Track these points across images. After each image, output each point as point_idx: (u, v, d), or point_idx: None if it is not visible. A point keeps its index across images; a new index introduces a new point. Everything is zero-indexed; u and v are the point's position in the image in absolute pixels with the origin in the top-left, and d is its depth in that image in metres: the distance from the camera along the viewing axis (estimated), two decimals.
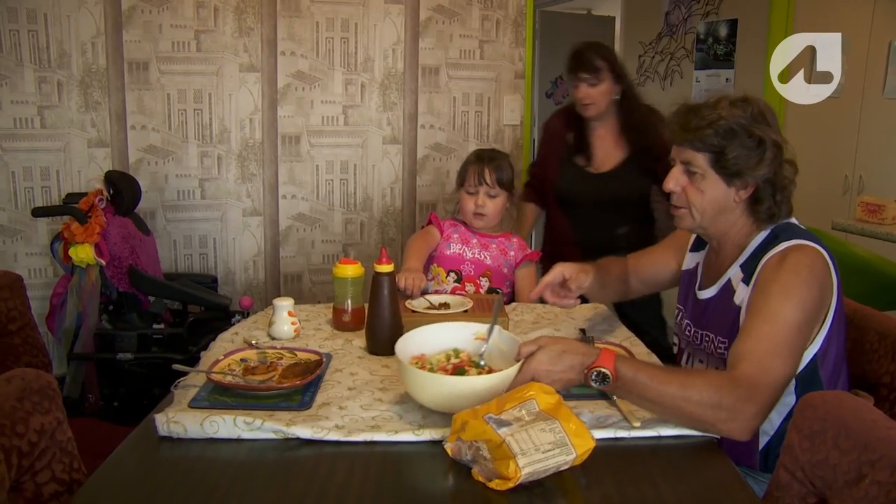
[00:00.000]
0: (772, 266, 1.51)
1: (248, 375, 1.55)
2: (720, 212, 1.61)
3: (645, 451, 1.33)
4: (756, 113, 1.55)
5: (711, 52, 4.51)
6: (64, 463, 1.26)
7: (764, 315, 1.45)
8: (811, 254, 1.50)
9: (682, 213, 1.66)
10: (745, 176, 1.55)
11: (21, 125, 3.08)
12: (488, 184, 2.30)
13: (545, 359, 1.40)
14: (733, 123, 1.53)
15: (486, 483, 1.18)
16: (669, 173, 1.65)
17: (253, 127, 3.30)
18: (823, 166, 4.01)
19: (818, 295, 1.48)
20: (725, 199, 1.59)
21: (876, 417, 1.14)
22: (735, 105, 1.55)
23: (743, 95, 1.59)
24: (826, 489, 1.16)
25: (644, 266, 1.99)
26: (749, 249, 1.61)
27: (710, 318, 1.68)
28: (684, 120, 1.59)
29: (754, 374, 1.37)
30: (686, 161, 1.60)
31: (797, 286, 1.46)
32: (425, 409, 1.44)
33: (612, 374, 1.36)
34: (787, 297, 1.45)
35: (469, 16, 3.44)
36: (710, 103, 1.58)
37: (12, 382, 1.22)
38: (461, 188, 2.36)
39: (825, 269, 1.50)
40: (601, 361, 1.37)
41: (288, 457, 1.30)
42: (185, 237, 3.34)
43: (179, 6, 3.14)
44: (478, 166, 2.32)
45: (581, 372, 1.38)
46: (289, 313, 1.88)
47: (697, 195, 1.61)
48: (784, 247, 1.53)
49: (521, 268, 2.37)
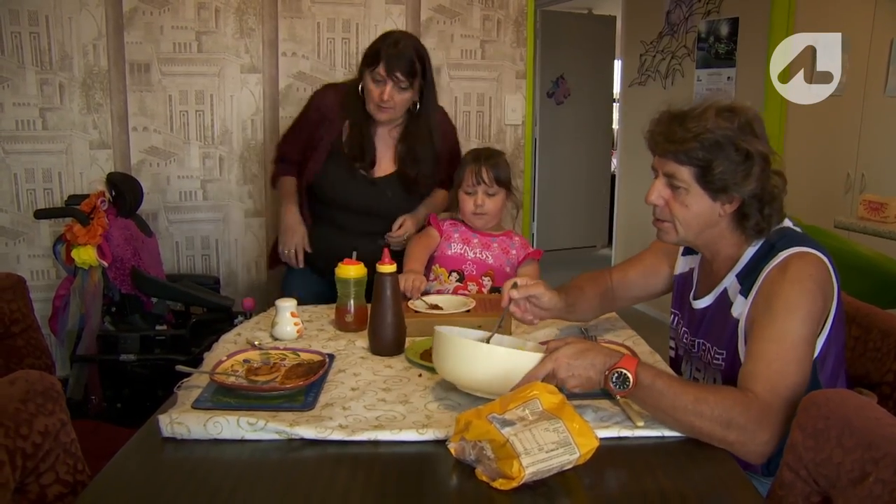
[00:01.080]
0: (773, 279, 1.47)
1: (251, 376, 1.55)
2: (705, 226, 1.56)
3: (648, 450, 1.33)
4: (743, 123, 1.49)
5: (713, 51, 4.51)
6: (68, 465, 1.26)
7: (770, 334, 1.41)
8: (812, 261, 1.46)
9: (666, 226, 1.60)
10: (730, 191, 1.50)
11: (23, 127, 3.08)
12: (486, 182, 2.30)
13: (569, 352, 1.38)
14: (720, 136, 1.47)
15: (490, 483, 1.18)
16: (652, 186, 1.58)
17: (255, 128, 3.30)
18: (825, 164, 4.01)
19: (822, 305, 1.45)
20: (710, 214, 1.54)
21: (879, 415, 1.14)
22: (722, 116, 1.49)
23: (730, 105, 1.52)
24: (830, 488, 1.16)
25: (633, 278, 1.91)
26: (744, 259, 1.57)
27: (707, 327, 1.65)
28: (668, 130, 1.53)
29: (766, 398, 1.34)
30: (669, 174, 1.54)
31: (802, 299, 1.42)
32: (429, 409, 1.45)
33: (633, 377, 1.33)
34: (793, 313, 1.41)
35: (470, 16, 3.44)
36: (695, 113, 1.51)
37: (16, 384, 1.22)
38: (459, 189, 2.36)
39: (827, 276, 1.47)
40: (624, 363, 1.35)
41: (292, 457, 1.30)
42: (188, 238, 3.34)
43: (181, 7, 3.14)
44: (475, 166, 2.31)
45: (602, 371, 1.36)
46: (291, 314, 1.88)
47: (681, 209, 1.55)
48: (784, 256, 1.48)
49: (524, 266, 2.37)
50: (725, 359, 1.58)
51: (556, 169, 7.09)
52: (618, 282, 1.92)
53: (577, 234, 7.39)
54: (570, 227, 7.33)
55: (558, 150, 7.10)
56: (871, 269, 2.50)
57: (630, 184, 5.48)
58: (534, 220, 6.94)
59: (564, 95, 7.10)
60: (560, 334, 1.93)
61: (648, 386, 1.34)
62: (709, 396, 1.33)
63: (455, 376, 1.47)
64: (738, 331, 1.53)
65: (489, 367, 1.41)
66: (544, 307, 1.79)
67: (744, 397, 1.34)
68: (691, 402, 1.32)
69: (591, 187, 7.36)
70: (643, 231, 5.10)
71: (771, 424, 1.33)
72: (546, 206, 7.11)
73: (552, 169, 7.07)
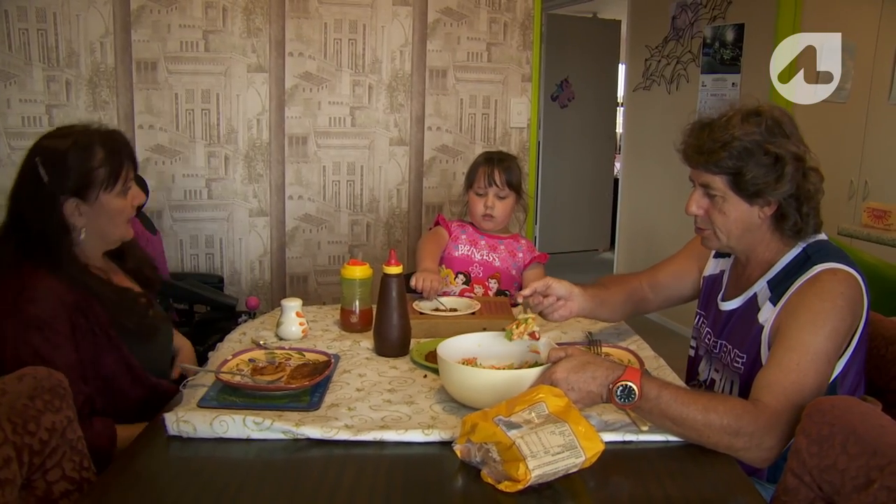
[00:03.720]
0: (804, 292, 1.47)
1: (256, 376, 1.56)
2: (746, 230, 1.58)
3: (653, 454, 1.34)
4: (771, 125, 1.50)
5: (718, 57, 4.51)
6: (74, 461, 1.27)
7: (792, 344, 1.41)
8: (845, 279, 1.46)
9: (708, 234, 1.63)
10: (765, 195, 1.51)
11: (29, 124, 3.09)
12: (498, 185, 2.30)
13: (567, 366, 1.38)
14: (748, 142, 1.48)
15: (496, 485, 1.18)
16: (690, 196, 1.61)
17: (260, 127, 3.31)
18: (829, 172, 3.95)
19: (850, 323, 1.45)
20: (750, 218, 1.56)
21: (884, 423, 1.14)
22: (747, 120, 1.50)
23: (755, 108, 1.53)
24: (834, 494, 1.16)
25: (662, 279, 1.93)
26: (778, 266, 1.57)
27: (731, 330, 1.65)
28: (697, 141, 1.55)
29: (777, 407, 1.34)
30: (704, 184, 1.56)
31: (830, 316, 1.42)
32: (434, 410, 1.45)
33: (639, 390, 1.33)
34: (819, 327, 1.41)
35: (477, 18, 3.44)
36: (721, 122, 1.52)
37: (24, 381, 1.23)
38: (470, 190, 2.36)
39: (858, 295, 1.46)
40: (628, 376, 1.34)
41: (297, 457, 1.30)
42: (192, 237, 3.35)
43: (188, 6, 3.15)
44: (487, 168, 2.32)
45: (604, 385, 1.35)
46: (297, 314, 1.89)
47: (720, 217, 1.57)
48: (817, 271, 1.48)
49: (530, 269, 2.38)
50: (745, 363, 1.57)
51: (560, 172, 7.09)
52: (648, 283, 1.94)
53: (580, 238, 7.39)
54: (573, 231, 7.33)
55: (562, 154, 7.10)
56: (875, 277, 2.49)
57: (633, 188, 5.48)
58: (537, 223, 6.94)
59: (568, 99, 7.10)
60: (564, 337, 1.93)
61: (655, 397, 1.34)
62: (718, 406, 1.33)
63: (461, 397, 1.48)
64: (763, 337, 1.53)
65: (492, 390, 1.40)
66: (561, 294, 1.79)
67: (753, 407, 1.34)
68: (700, 411, 1.32)
69: (595, 191, 7.37)
70: (646, 235, 5.12)
71: (778, 431, 1.33)
72: (549, 210, 7.11)
73: (555, 172, 7.07)
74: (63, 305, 1.53)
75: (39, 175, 1.57)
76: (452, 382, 1.48)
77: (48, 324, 1.49)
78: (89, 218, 1.62)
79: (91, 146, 1.60)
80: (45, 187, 1.57)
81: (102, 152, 1.61)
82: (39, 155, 1.59)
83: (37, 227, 1.57)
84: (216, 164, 3.30)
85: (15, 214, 1.60)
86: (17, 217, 1.60)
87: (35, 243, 1.56)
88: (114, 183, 1.62)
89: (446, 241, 2.36)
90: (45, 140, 1.63)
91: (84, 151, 1.59)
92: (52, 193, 1.57)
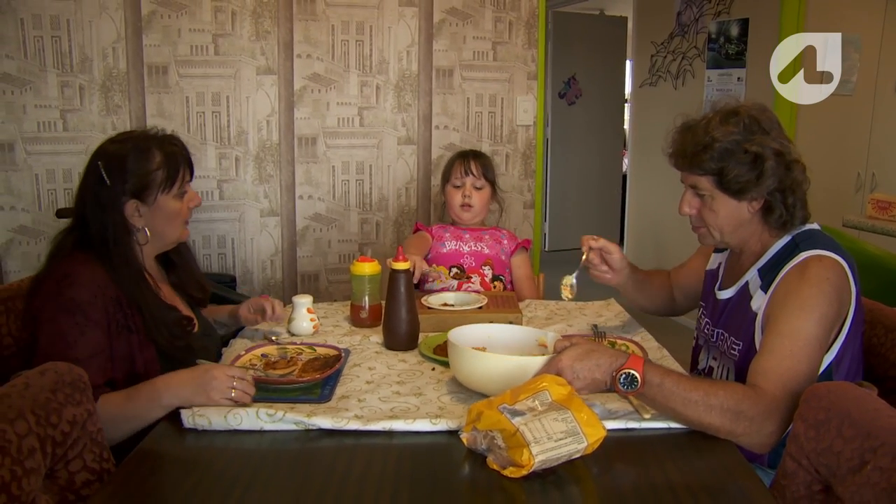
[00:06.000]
0: (791, 279, 1.51)
1: (269, 370, 1.60)
2: (738, 225, 1.63)
3: (655, 441, 1.37)
4: (749, 123, 1.55)
5: (723, 52, 4.52)
6: (94, 453, 1.31)
7: (784, 330, 1.45)
8: (830, 265, 1.50)
9: (703, 232, 1.70)
10: (750, 191, 1.56)
11: (44, 129, 3.14)
12: (474, 174, 2.40)
13: (572, 354, 1.41)
14: (727, 143, 1.54)
15: (501, 471, 1.22)
16: (682, 198, 1.68)
17: (270, 129, 3.35)
18: (836, 164, 4.02)
19: (837, 308, 1.48)
20: (739, 214, 1.61)
21: (879, 407, 1.17)
22: (727, 121, 1.56)
23: (734, 108, 1.59)
24: (830, 476, 1.19)
25: (681, 280, 2.01)
26: (769, 254, 1.62)
27: (727, 318, 1.70)
28: (681, 145, 1.62)
29: (775, 393, 1.38)
30: (693, 185, 1.64)
31: (818, 301, 1.46)
32: (442, 401, 1.49)
33: (641, 377, 1.37)
34: (807, 313, 1.45)
35: (482, 18, 3.47)
36: (702, 124, 1.59)
37: (46, 375, 1.27)
38: (447, 184, 2.44)
39: (844, 280, 1.50)
40: (631, 364, 1.38)
41: (309, 447, 1.34)
42: (204, 237, 3.39)
43: (198, 10, 3.19)
44: (462, 160, 2.44)
45: (608, 373, 1.39)
46: (308, 310, 1.93)
47: (711, 215, 1.63)
48: (804, 257, 1.53)
49: (516, 255, 2.46)
50: (741, 350, 1.61)
51: (568, 169, 7.11)
52: (674, 281, 2.03)
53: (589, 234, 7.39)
54: (580, 227, 7.30)
55: (570, 151, 7.12)
56: (879, 268, 2.52)
57: (641, 184, 5.50)
58: (545, 220, 6.96)
59: (576, 96, 7.12)
60: (570, 330, 1.97)
61: (658, 384, 1.37)
62: (718, 390, 1.37)
63: (469, 382, 1.52)
64: (756, 324, 1.57)
65: (500, 375, 1.44)
66: (615, 266, 1.90)
67: (752, 391, 1.38)
68: (701, 396, 1.35)
69: (602, 187, 7.37)
70: (654, 230, 5.14)
71: (777, 417, 1.37)
72: (557, 206, 7.13)
73: (564, 169, 7.09)
74: (102, 295, 1.58)
75: (102, 178, 1.63)
76: (462, 367, 1.51)
77: (81, 308, 1.54)
78: (148, 219, 1.68)
79: (149, 150, 1.67)
80: (107, 189, 1.63)
81: (160, 156, 1.67)
82: (101, 159, 1.65)
83: (99, 227, 1.63)
84: (227, 165, 3.34)
85: (80, 216, 1.67)
86: (81, 217, 1.66)
87: (95, 240, 1.63)
88: (171, 185, 1.68)
89: (430, 242, 2.42)
90: (106, 144, 1.69)
91: (142, 155, 1.65)
92: (113, 195, 1.63)
